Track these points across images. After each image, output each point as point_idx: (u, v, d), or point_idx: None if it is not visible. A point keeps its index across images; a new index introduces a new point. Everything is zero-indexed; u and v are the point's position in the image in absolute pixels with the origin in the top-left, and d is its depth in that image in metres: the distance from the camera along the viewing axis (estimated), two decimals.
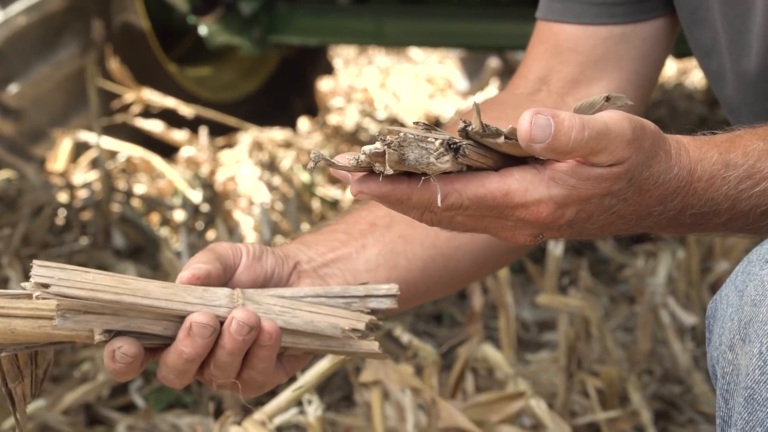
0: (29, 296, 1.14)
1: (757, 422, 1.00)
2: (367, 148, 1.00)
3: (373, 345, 1.22)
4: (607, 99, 1.07)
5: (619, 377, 2.37)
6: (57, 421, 2.33)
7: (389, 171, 0.99)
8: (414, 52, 7.01)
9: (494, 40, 4.20)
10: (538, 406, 2.15)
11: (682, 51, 1.61)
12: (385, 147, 0.99)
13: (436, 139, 1.00)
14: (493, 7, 4.18)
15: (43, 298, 1.13)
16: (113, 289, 1.14)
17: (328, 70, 5.09)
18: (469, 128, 1.01)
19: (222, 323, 1.18)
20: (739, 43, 1.34)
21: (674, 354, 2.59)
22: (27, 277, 2.96)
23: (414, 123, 1.04)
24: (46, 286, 1.12)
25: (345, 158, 1.01)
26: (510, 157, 1.05)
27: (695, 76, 5.96)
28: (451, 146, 1.00)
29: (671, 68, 6.05)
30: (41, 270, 1.12)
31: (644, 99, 1.49)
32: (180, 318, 1.18)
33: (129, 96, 4.21)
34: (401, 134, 0.99)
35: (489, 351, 2.36)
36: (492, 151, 1.04)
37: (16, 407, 1.18)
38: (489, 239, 1.36)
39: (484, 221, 1.06)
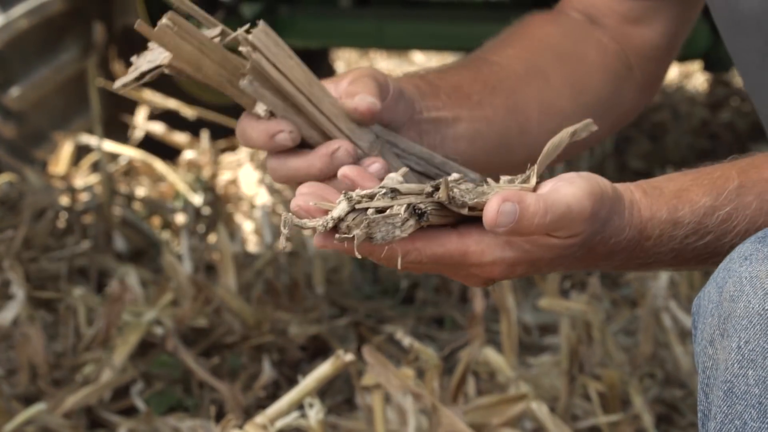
0: (223, 34, 1.21)
1: (735, 415, 1.03)
2: (334, 217, 1.06)
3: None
4: (573, 133, 1.14)
5: (621, 381, 2.37)
6: (58, 425, 2.33)
7: (357, 255, 1.07)
8: (416, 55, 7.02)
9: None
10: (540, 409, 2.15)
11: (683, 54, 1.63)
12: (354, 234, 1.06)
13: (400, 207, 1.06)
14: (495, 10, 4.18)
15: (243, 57, 1.20)
16: (299, 84, 1.22)
17: (330, 73, 5.09)
18: (436, 195, 1.08)
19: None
20: None
21: (676, 357, 2.59)
22: (28, 280, 2.97)
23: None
24: (254, 48, 1.19)
25: (315, 222, 1.08)
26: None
27: (697, 80, 5.97)
28: (416, 211, 1.07)
29: (673, 72, 6.05)
30: (261, 35, 1.20)
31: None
32: (327, 139, 1.24)
33: (132, 98, 4.21)
34: (367, 219, 1.06)
35: (490, 354, 2.36)
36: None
37: None
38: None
39: (440, 269, 1.14)
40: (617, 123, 1.54)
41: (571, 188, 1.09)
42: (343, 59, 6.96)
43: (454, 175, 1.12)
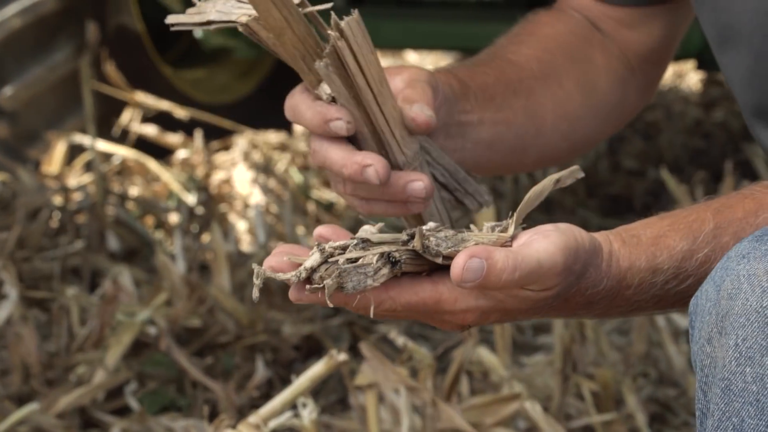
0: (302, 5, 1.20)
1: (733, 412, 1.04)
2: (306, 267, 1.07)
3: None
4: (557, 181, 1.15)
5: (615, 380, 2.38)
6: (51, 425, 2.33)
7: (329, 304, 1.07)
8: (410, 54, 7.02)
9: (490, 42, 4.20)
10: (533, 408, 2.15)
11: (677, 54, 1.63)
12: (324, 284, 1.06)
13: (373, 257, 1.07)
14: (490, 9, 4.18)
15: (327, 43, 1.19)
16: (372, 81, 1.22)
17: None
18: (411, 244, 1.09)
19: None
20: None
21: (669, 357, 2.60)
22: (21, 280, 2.96)
23: (354, 242, 1.09)
24: (341, 36, 1.19)
25: (289, 273, 1.08)
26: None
27: (691, 79, 5.97)
28: (390, 259, 1.08)
29: (667, 71, 6.04)
30: (353, 23, 1.20)
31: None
32: (377, 140, 1.25)
33: (124, 99, 4.21)
34: (338, 269, 1.06)
35: (484, 354, 2.36)
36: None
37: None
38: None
39: (414, 316, 1.15)
40: (619, 124, 1.55)
41: (543, 243, 1.10)
42: None
43: (431, 224, 1.12)
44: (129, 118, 4.25)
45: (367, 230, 1.14)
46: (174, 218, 3.65)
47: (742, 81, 1.34)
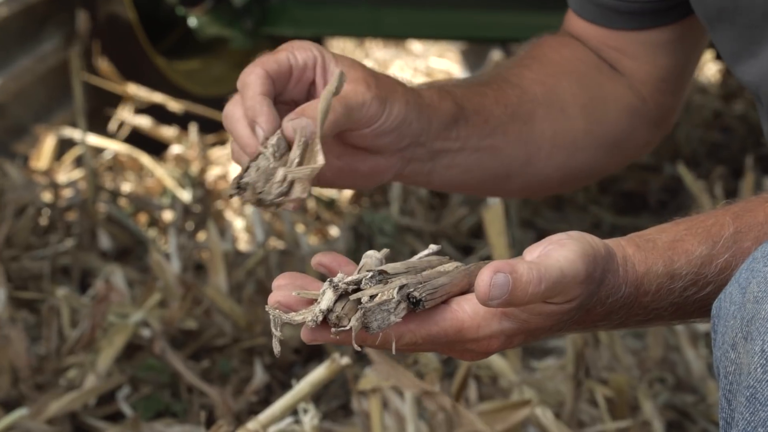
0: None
1: (759, 422, 1.03)
2: (322, 309, 1.07)
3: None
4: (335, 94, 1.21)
5: (630, 385, 2.38)
6: (41, 431, 2.33)
7: (355, 347, 1.08)
8: (414, 44, 7.02)
9: (497, 31, 4.20)
10: (545, 415, 2.15)
11: None
12: (351, 326, 1.06)
13: (392, 290, 1.07)
14: None
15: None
16: None
17: None
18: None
19: None
20: None
21: (687, 361, 2.59)
22: (9, 280, 2.97)
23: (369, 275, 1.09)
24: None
25: (303, 315, 1.08)
26: None
27: (710, 70, 5.97)
28: (411, 299, 1.08)
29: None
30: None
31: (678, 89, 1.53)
32: None
33: (116, 91, 4.21)
34: (363, 308, 1.06)
35: (493, 358, 2.36)
36: None
37: None
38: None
39: (436, 348, 1.14)
40: (624, 159, 1.54)
41: (562, 251, 1.09)
42: (338, 49, 6.96)
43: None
44: (121, 111, 4.25)
45: (371, 256, 1.13)
46: (168, 216, 3.65)
47: (735, 55, 1.36)
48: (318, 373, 1.99)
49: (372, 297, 1.07)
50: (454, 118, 1.38)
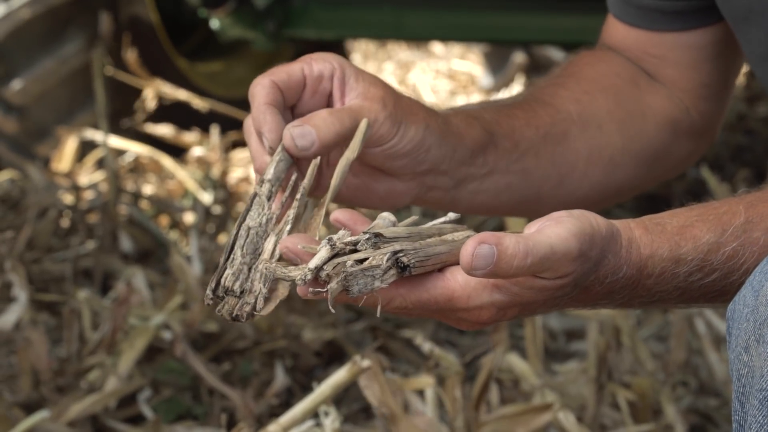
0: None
1: None
2: (311, 268, 1.08)
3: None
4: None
5: (652, 389, 2.37)
6: None
7: (331, 308, 1.08)
8: (436, 46, 7.02)
9: (520, 33, 4.20)
10: (567, 419, 2.15)
11: None
12: (327, 288, 1.07)
13: (382, 257, 1.08)
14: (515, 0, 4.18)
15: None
16: None
17: None
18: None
19: None
20: None
21: (710, 365, 2.59)
22: (31, 282, 2.98)
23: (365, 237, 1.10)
24: None
25: (296, 272, 1.10)
26: None
27: None
28: (399, 264, 1.08)
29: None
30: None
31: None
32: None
33: (143, 88, 4.22)
34: (345, 272, 1.07)
35: (514, 361, 2.36)
36: None
37: None
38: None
39: (428, 314, 1.15)
40: (665, 173, 1.54)
41: (556, 228, 1.10)
42: (360, 51, 6.96)
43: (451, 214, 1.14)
44: (145, 109, 4.26)
45: (385, 218, 1.14)
46: (189, 218, 3.66)
47: (761, 57, 1.35)
48: (339, 376, 1.99)
49: (361, 261, 1.08)
50: (481, 146, 1.38)
